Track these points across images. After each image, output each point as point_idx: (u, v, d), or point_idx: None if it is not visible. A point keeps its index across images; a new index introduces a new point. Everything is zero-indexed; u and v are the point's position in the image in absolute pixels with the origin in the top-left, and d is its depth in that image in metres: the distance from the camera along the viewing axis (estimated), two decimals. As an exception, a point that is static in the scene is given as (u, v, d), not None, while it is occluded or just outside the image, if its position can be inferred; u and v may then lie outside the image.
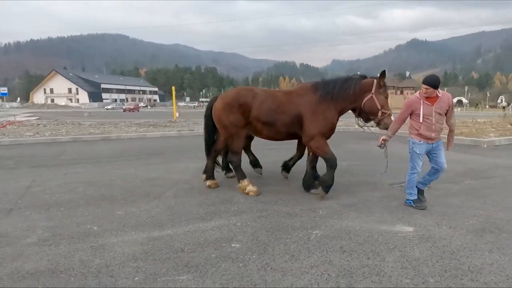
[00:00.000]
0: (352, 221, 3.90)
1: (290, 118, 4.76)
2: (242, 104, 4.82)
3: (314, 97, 4.74)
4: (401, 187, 5.31)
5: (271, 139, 5.17)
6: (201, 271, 2.78)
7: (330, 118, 4.71)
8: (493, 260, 2.90)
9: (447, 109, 4.13)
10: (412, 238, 3.38)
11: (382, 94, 4.59)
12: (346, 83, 4.68)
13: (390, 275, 2.67)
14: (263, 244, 3.29)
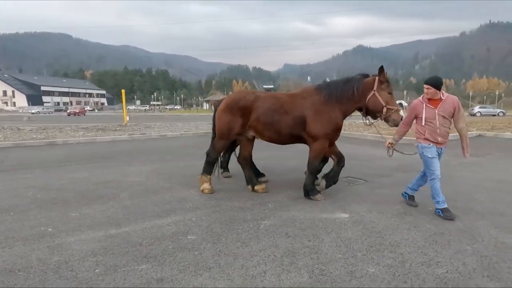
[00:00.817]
0: (298, 211, 4.34)
1: (293, 119, 4.75)
2: (242, 107, 4.91)
3: (318, 98, 4.74)
4: (348, 183, 5.89)
5: (274, 141, 5.11)
6: (159, 260, 3.01)
7: (335, 119, 4.69)
8: (409, 236, 3.48)
9: (453, 112, 3.96)
10: (347, 223, 3.89)
11: (385, 90, 4.50)
12: (348, 84, 4.67)
13: (326, 252, 3.11)
14: (217, 235, 3.59)
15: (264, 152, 10.00)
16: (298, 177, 6.45)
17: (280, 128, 4.83)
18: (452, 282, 2.58)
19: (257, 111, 4.87)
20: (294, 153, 9.17)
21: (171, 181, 6.10)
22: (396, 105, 4.51)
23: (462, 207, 4.42)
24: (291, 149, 8.36)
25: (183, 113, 59.92)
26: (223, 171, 6.35)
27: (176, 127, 19.24)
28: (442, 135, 3.99)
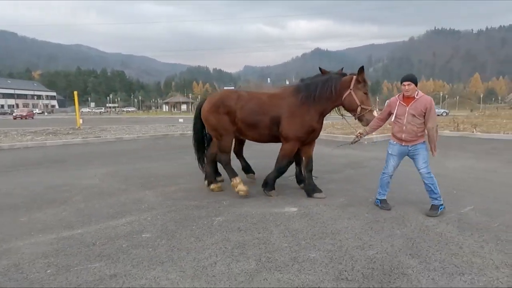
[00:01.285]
0: (251, 207, 4.57)
1: (270, 120, 4.83)
2: (226, 106, 4.92)
3: (294, 100, 4.76)
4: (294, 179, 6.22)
5: (256, 140, 5.25)
6: (113, 258, 3.10)
7: (309, 121, 4.72)
8: (349, 224, 3.84)
9: (424, 111, 4.02)
10: (295, 216, 4.19)
11: (361, 90, 4.53)
12: (327, 83, 4.64)
13: (274, 242, 3.37)
14: (171, 232, 3.72)
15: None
16: (256, 175, 6.70)
17: (260, 128, 4.91)
18: (380, 261, 2.94)
19: (240, 112, 4.89)
20: (251, 152, 9.42)
21: (127, 183, 6.09)
22: (370, 105, 4.56)
23: (399, 197, 4.90)
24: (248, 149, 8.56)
25: (141, 115, 58.29)
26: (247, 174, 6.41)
27: (134, 129, 18.81)
28: (408, 132, 4.06)
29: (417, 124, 4.06)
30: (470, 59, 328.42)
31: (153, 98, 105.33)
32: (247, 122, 4.90)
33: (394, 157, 4.28)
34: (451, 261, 2.92)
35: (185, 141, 13.42)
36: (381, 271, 2.75)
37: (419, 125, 4.06)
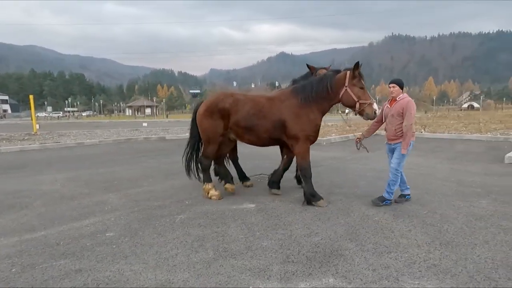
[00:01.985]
0: (211, 206, 4.86)
1: (272, 123, 4.79)
2: (221, 109, 4.88)
3: (295, 101, 4.76)
4: (259, 178, 6.58)
5: (253, 144, 5.18)
6: (78, 256, 3.27)
7: (314, 120, 4.76)
8: (300, 216, 4.25)
9: (402, 112, 4.34)
10: (253, 211, 4.53)
11: (357, 85, 4.49)
12: (321, 83, 4.66)
13: (231, 235, 3.69)
14: (135, 230, 3.93)
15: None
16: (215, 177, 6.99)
17: (259, 132, 4.87)
18: (323, 245, 3.35)
19: (236, 115, 4.86)
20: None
21: (89, 187, 6.15)
22: (369, 99, 4.51)
23: (347, 192, 5.40)
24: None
25: (103, 119, 56.37)
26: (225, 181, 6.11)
27: (95, 134, 18.37)
28: (389, 131, 4.49)
29: (395, 124, 4.44)
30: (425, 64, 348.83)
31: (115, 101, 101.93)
32: (244, 125, 4.86)
33: (389, 154, 4.78)
34: (383, 242, 3.39)
35: (149, 146, 13.43)
36: (322, 254, 3.16)
37: (397, 125, 4.43)
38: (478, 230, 3.66)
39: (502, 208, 4.45)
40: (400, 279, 2.67)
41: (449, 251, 3.17)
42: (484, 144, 10.95)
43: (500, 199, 4.84)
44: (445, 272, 2.76)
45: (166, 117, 62.21)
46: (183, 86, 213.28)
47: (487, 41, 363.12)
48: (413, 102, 4.46)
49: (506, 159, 7.74)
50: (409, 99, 4.45)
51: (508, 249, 3.18)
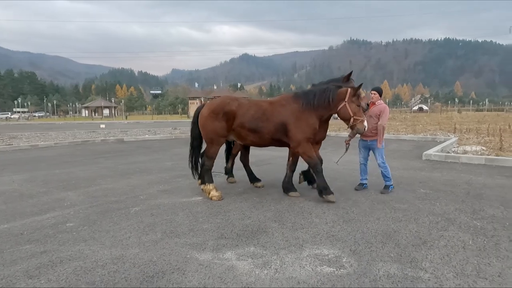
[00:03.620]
0: (164, 199, 5.49)
1: (274, 126, 5.18)
2: (227, 112, 5.19)
3: (296, 106, 5.18)
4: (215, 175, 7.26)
5: (256, 145, 5.60)
6: (41, 241, 3.79)
7: (313, 124, 5.17)
8: (239, 206, 5.01)
9: (379, 114, 5.40)
10: (200, 203, 5.24)
11: (355, 102, 4.99)
12: (324, 94, 5.10)
13: (178, 221, 4.37)
14: (93, 220, 4.48)
15: (146, 156, 10.87)
16: (172, 174, 7.60)
17: (262, 133, 5.24)
18: (252, 226, 4.14)
19: (241, 118, 5.20)
20: (169, 156, 10.26)
21: (48, 186, 6.52)
22: (362, 116, 5.04)
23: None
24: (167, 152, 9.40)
25: (57, 121, 54.01)
26: (228, 177, 6.71)
27: (49, 136, 18.05)
28: (369, 130, 5.33)
29: (372, 123, 5.43)
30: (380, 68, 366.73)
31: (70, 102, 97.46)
32: (249, 127, 5.22)
33: (361, 149, 5.83)
34: (300, 222, 4.25)
35: (107, 147, 13.63)
36: (250, 232, 3.95)
37: (373, 124, 5.44)
38: (375, 211, 4.64)
39: (403, 194, 5.51)
40: (304, 245, 3.52)
41: (348, 226, 4.09)
42: (414, 144, 12.43)
43: (404, 188, 5.94)
44: (339, 240, 3.65)
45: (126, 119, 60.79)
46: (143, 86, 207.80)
47: (436, 47, 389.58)
48: (388, 108, 5.60)
49: (423, 156, 9.06)
50: (386, 105, 5.58)
51: (392, 223, 4.16)
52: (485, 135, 13.31)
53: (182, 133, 19.64)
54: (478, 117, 33.74)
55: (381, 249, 3.41)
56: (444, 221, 4.21)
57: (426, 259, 3.16)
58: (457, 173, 7.26)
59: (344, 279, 2.82)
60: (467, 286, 2.68)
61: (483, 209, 4.65)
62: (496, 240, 3.57)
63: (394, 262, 3.10)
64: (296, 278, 2.85)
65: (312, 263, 3.11)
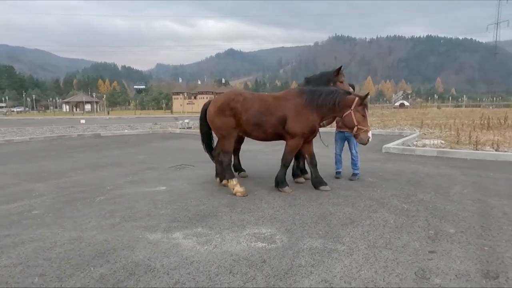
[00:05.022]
0: (129, 189, 5.82)
1: (277, 120, 5.23)
2: (233, 108, 5.25)
3: (299, 101, 5.22)
4: (177, 168, 7.63)
5: (260, 139, 5.65)
6: (6, 226, 4.09)
7: (312, 121, 5.21)
8: (198, 194, 5.40)
9: None
10: (162, 192, 5.60)
11: (360, 112, 5.00)
12: (331, 95, 5.10)
13: (138, 207, 4.72)
14: (58, 208, 4.79)
15: (120, 150, 11.14)
16: (143, 166, 7.92)
17: (266, 128, 5.29)
18: (205, 210, 4.54)
19: (247, 113, 5.25)
20: (143, 150, 10.55)
21: (18, 178, 6.76)
22: (366, 126, 5.04)
23: (250, 176, 6.67)
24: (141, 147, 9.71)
25: (36, 116, 53.00)
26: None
27: (26, 131, 17.97)
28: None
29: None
30: (365, 64, 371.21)
31: (50, 97, 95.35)
32: (254, 122, 5.27)
33: (338, 141, 6.44)
34: (249, 207, 4.67)
35: (83, 142, 13.78)
36: (202, 216, 4.34)
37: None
38: (321, 197, 5.11)
39: (351, 183, 6.01)
40: (246, 226, 3.94)
41: (291, 210, 4.54)
42: (381, 138, 13.04)
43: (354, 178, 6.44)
44: (279, 221, 4.09)
45: (108, 114, 60.08)
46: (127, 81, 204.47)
47: (419, 44, 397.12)
48: None
49: (383, 149, 9.65)
50: None
51: (331, 207, 4.63)
52: (448, 130, 14.06)
53: (161, 128, 19.85)
54: (453, 113, 35.00)
55: (313, 228, 3.86)
56: (377, 204, 4.71)
57: (348, 235, 3.63)
58: (408, 164, 7.83)
59: (271, 252, 3.25)
60: (373, 254, 3.16)
61: (416, 194, 5.19)
62: (414, 220, 4.08)
63: (319, 238, 3.56)
64: (230, 252, 3.27)
65: (249, 240, 3.54)
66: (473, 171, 6.95)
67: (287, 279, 2.76)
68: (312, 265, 2.98)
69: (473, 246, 3.30)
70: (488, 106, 67.59)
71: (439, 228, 3.79)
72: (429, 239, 3.50)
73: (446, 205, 4.63)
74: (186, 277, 2.80)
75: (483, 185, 5.77)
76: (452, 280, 2.70)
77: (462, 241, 3.43)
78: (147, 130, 18.30)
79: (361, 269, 2.88)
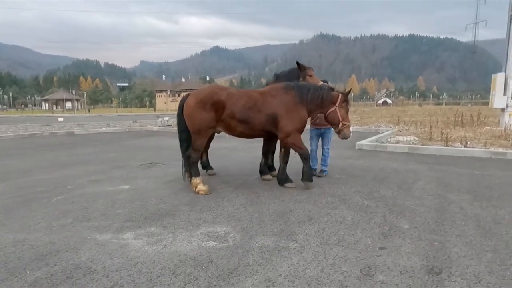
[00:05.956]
0: (90, 188, 5.63)
1: (266, 117, 5.12)
2: (216, 102, 5.00)
3: (288, 98, 5.15)
4: (146, 167, 7.46)
5: (245, 136, 5.49)
6: (-51, 229, 3.88)
7: (303, 116, 5.21)
8: (160, 193, 5.27)
9: None
10: (125, 191, 5.44)
11: (344, 108, 5.19)
12: (318, 91, 5.18)
13: (95, 207, 4.57)
14: (10, 209, 4.58)
15: (92, 148, 10.89)
16: (112, 164, 7.72)
17: (253, 124, 5.15)
18: (164, 209, 4.42)
19: (230, 108, 5.05)
20: (115, 148, 10.30)
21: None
22: (349, 121, 5.27)
23: (218, 174, 6.57)
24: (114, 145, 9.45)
25: (13, 114, 51.42)
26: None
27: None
28: (321, 119, 5.84)
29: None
30: (349, 62, 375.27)
31: (29, 94, 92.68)
32: (240, 118, 5.09)
33: (314, 137, 6.44)
34: (210, 205, 4.58)
35: (54, 140, 13.41)
36: (159, 215, 4.22)
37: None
38: (284, 194, 5.07)
39: (317, 180, 5.98)
40: (202, 225, 3.85)
41: (252, 207, 4.47)
42: (357, 135, 13.11)
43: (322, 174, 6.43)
44: (236, 220, 4.02)
45: (88, 112, 58.87)
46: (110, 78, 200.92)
47: (402, 43, 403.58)
48: None
49: (356, 146, 9.70)
50: None
51: (292, 204, 4.58)
52: (423, 127, 14.29)
53: (140, 126, 19.52)
54: (433, 111, 35.68)
55: (269, 226, 3.80)
56: (338, 201, 4.69)
57: (303, 233, 3.58)
58: (378, 160, 7.89)
59: (221, 251, 3.17)
60: (323, 251, 3.12)
61: (379, 191, 5.20)
62: (372, 216, 4.07)
63: (273, 236, 3.50)
64: (179, 252, 3.17)
65: (201, 239, 3.45)
66: (440, 167, 7.04)
67: (231, 279, 2.68)
68: (259, 264, 2.92)
69: (423, 242, 3.31)
70: (467, 104, 69.37)
71: (394, 224, 3.79)
72: (382, 235, 3.49)
73: (406, 201, 4.65)
74: (125, 279, 2.70)
75: (446, 181, 5.84)
76: (396, 276, 2.68)
77: (414, 237, 3.44)
78: (124, 128, 17.95)
79: (308, 267, 2.84)
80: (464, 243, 3.26)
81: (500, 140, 9.88)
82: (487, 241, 3.31)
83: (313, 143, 6.56)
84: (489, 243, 3.26)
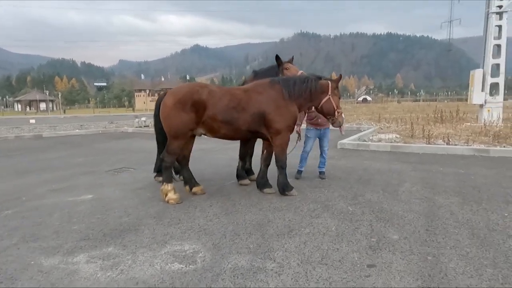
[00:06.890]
0: (48, 199, 5.04)
1: (252, 116, 4.66)
2: (197, 101, 4.49)
3: (274, 93, 4.74)
4: (116, 172, 6.90)
5: (229, 138, 5.00)
6: None
7: (294, 112, 4.82)
8: (126, 203, 4.76)
9: None
10: (87, 201, 4.89)
11: (336, 95, 4.89)
12: (305, 83, 4.77)
13: (48, 223, 4.01)
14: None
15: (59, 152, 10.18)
16: (76, 171, 7.11)
17: (238, 125, 4.67)
18: (127, 223, 3.92)
19: (212, 108, 4.56)
20: (85, 152, 9.66)
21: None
22: (341, 108, 4.97)
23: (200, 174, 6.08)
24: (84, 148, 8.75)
25: (-18, 116, 48.94)
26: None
27: (-42, 133, 16.19)
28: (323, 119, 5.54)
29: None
30: (329, 60, 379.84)
31: (0, 95, 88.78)
32: (223, 119, 4.60)
33: (312, 138, 6.07)
34: (180, 217, 4.11)
35: (19, 144, 12.55)
36: (120, 230, 3.72)
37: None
38: (262, 201, 4.66)
39: (298, 183, 5.61)
40: (168, 242, 3.39)
41: (226, 218, 4.03)
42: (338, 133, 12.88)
43: (304, 177, 6.06)
44: (207, 234, 3.57)
45: (64, 113, 56.87)
46: (87, 78, 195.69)
47: (380, 41, 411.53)
48: None
49: (338, 145, 9.41)
50: None
51: (270, 213, 4.17)
52: (404, 124, 14.21)
53: (115, 127, 18.73)
54: (411, 107, 36.18)
55: (245, 240, 3.38)
56: (321, 208, 4.32)
57: (282, 248, 3.18)
58: (361, 160, 7.60)
59: (187, 276, 2.73)
60: (304, 273, 2.72)
61: (363, 194, 4.87)
62: (357, 225, 3.71)
63: (248, 254, 3.08)
64: (137, 279, 2.70)
65: (165, 261, 2.99)
66: (424, 166, 6.81)
67: (195, 314, 2.25)
68: (230, 291, 2.49)
69: (415, 256, 2.96)
70: (444, 100, 71.14)
71: (382, 235, 3.44)
72: (370, 249, 3.13)
73: (393, 206, 4.33)
74: (66, 320, 2.21)
75: (432, 181, 5.58)
76: (389, 303, 2.31)
77: (405, 250, 3.09)
78: (97, 130, 17.12)
79: (287, 295, 2.43)
80: (460, 257, 2.93)
81: (481, 137, 9.83)
82: (485, 253, 3.00)
83: (309, 144, 6.15)
84: (487, 255, 2.95)
